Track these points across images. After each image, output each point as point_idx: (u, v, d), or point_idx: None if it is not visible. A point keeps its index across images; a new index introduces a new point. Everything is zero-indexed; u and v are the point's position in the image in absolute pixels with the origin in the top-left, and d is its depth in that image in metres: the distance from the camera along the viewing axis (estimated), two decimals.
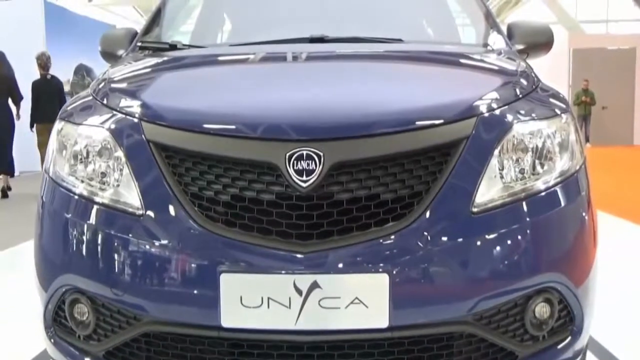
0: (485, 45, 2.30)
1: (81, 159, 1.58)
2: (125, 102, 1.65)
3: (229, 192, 1.44)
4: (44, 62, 7.66)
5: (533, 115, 1.58)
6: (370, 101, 1.57)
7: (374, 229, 1.41)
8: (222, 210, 1.44)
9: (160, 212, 1.47)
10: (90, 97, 1.75)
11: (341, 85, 1.69)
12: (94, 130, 1.60)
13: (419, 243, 1.41)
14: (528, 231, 1.47)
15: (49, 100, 7.46)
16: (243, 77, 1.83)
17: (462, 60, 2.02)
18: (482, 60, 2.03)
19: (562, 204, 1.52)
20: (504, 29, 2.39)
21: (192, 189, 1.46)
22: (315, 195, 1.41)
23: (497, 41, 2.25)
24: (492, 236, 1.45)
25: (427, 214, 1.42)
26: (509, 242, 1.46)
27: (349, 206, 1.41)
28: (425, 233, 1.41)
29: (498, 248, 1.45)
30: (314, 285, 1.37)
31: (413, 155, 1.44)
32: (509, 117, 1.55)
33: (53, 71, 7.96)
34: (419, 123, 1.48)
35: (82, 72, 11.90)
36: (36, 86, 7.67)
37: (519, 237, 1.46)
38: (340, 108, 1.52)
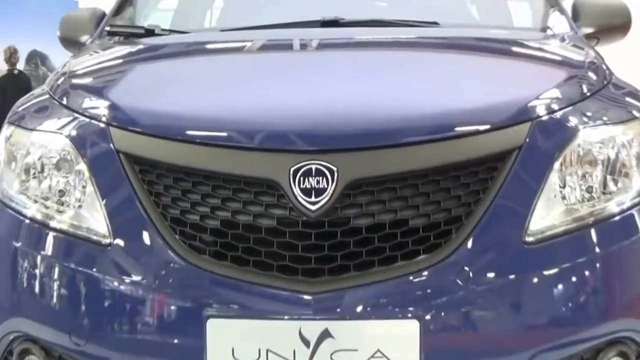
0: (544, 29, 2.33)
1: (34, 173, 1.61)
2: (89, 102, 1.68)
3: (219, 216, 1.47)
4: (9, 57, 7.81)
5: (604, 118, 1.61)
6: (396, 102, 1.60)
7: (401, 263, 1.43)
8: (209, 239, 1.47)
9: (132, 241, 1.50)
10: (47, 96, 1.79)
11: (360, 81, 1.72)
12: (51, 138, 1.63)
13: (458, 281, 1.43)
14: (598, 266, 1.49)
15: (16, 100, 7.58)
16: (237, 72, 1.87)
17: (514, 49, 2.04)
18: (538, 49, 2.06)
19: None
20: (568, 8, 2.41)
21: (172, 212, 1.49)
22: (327, 220, 1.43)
23: (558, 24, 2.28)
24: (551, 272, 1.47)
25: (469, 245, 1.44)
26: (573, 279, 1.48)
27: (369, 234, 1.44)
28: (466, 268, 1.43)
29: (559, 287, 1.47)
30: (325, 335, 1.38)
31: (450, 170, 1.47)
32: (573, 122, 1.58)
33: None
34: (457, 130, 1.51)
35: (36, 61, 11.97)
36: (1, 84, 7.89)
37: (586, 273, 1.48)
38: (358, 111, 1.56)
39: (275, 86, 1.72)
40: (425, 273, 1.43)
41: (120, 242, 1.50)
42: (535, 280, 1.46)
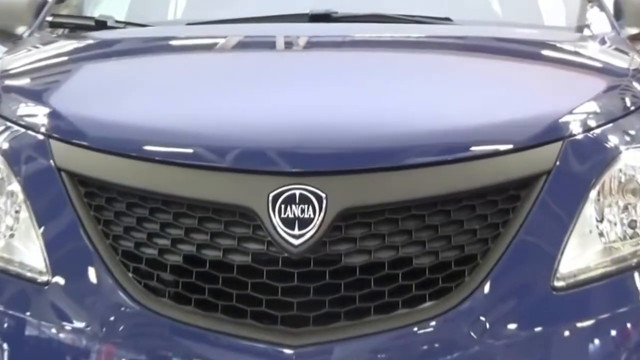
0: (580, 28, 2.36)
1: None
2: (25, 108, 1.70)
3: (181, 250, 1.48)
4: None
5: None
6: (398, 115, 1.63)
7: (402, 311, 1.44)
8: (170, 279, 1.48)
9: (75, 279, 1.50)
10: None
11: (355, 90, 1.74)
12: None
13: (473, 334, 1.43)
14: None
15: None
16: (206, 76, 1.90)
17: (543, 53, 2.07)
18: (573, 53, 2.07)
19: None
20: (609, 4, 2.43)
21: (124, 244, 1.50)
22: (313, 258, 1.44)
23: (597, 23, 2.31)
24: (585, 325, 1.48)
25: (485, 290, 1.45)
26: (612, 334, 1.48)
27: (364, 276, 1.44)
28: (482, 319, 1.44)
29: (595, 344, 1.47)
30: None
31: (464, 198, 1.49)
32: (614, 141, 1.60)
33: None
34: (473, 150, 1.53)
35: None
36: None
37: (628, 327, 1.49)
38: (352, 125, 1.58)
39: (252, 94, 1.74)
40: (433, 323, 1.43)
41: (60, 280, 1.50)
42: (566, 334, 1.46)
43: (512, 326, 1.46)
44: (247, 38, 2.10)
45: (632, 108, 1.69)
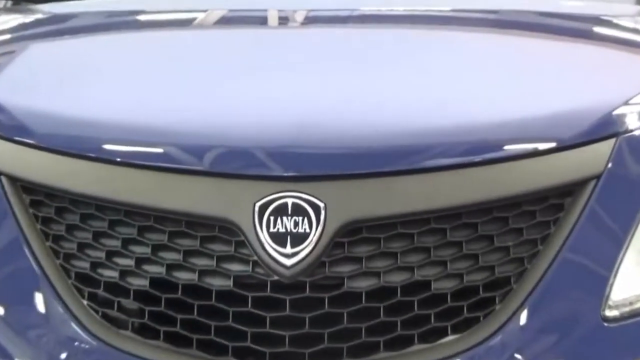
0: None
1: None
2: None
3: (148, 272, 1.48)
4: None
5: None
6: (415, 107, 1.64)
7: (419, 347, 1.44)
8: (134, 307, 1.49)
9: (18, 308, 1.51)
10: None
11: (362, 75, 1.75)
12: None
13: None
14: None
15: None
16: (180, 58, 1.92)
17: (593, 31, 2.09)
18: (631, 31, 2.09)
19: None
20: None
21: (78, 265, 1.51)
22: (310, 282, 1.44)
23: None
24: None
25: (521, 321, 1.45)
26: None
27: (372, 303, 1.44)
28: (518, 356, 1.44)
29: None
30: None
31: (494, 209, 1.49)
32: None
33: None
34: (506, 150, 1.54)
35: None
36: None
37: None
38: (359, 119, 1.59)
39: (235, 81, 1.76)
40: None
41: None
42: None
43: None
44: (232, 12, 2.12)
45: None
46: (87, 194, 1.51)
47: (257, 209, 1.45)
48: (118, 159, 1.54)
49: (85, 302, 1.49)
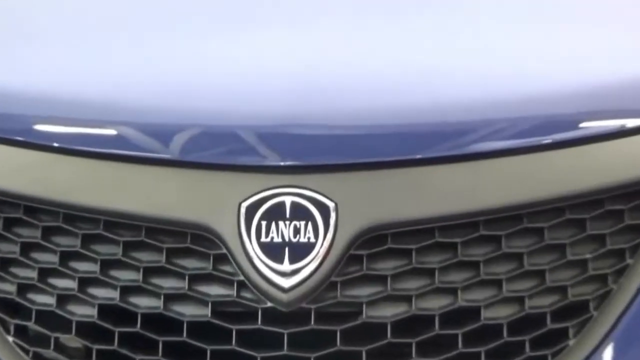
0: None
1: None
2: None
3: (96, 298, 1.34)
4: None
5: None
6: (453, 73, 1.50)
7: None
8: (76, 346, 1.34)
9: None
10: None
11: (382, 26, 1.66)
12: None
13: None
14: None
15: None
16: (137, 11, 1.82)
17: None
18: None
19: None
20: None
21: (1, 288, 1.38)
22: (316, 310, 1.29)
23: None
24: None
25: (606, 356, 1.30)
26: None
27: (399, 338, 1.29)
28: None
29: None
30: None
31: (567, 208, 1.33)
32: None
33: None
34: (583, 128, 1.40)
35: None
36: None
37: None
38: (379, 89, 1.44)
39: (212, 38, 1.67)
40: None
41: None
42: None
43: None
44: None
45: None
46: (9, 192, 1.39)
47: (243, 211, 1.30)
48: (52, 144, 1.41)
49: (10, 338, 1.37)
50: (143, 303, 1.33)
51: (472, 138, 1.39)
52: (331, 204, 1.29)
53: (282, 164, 1.32)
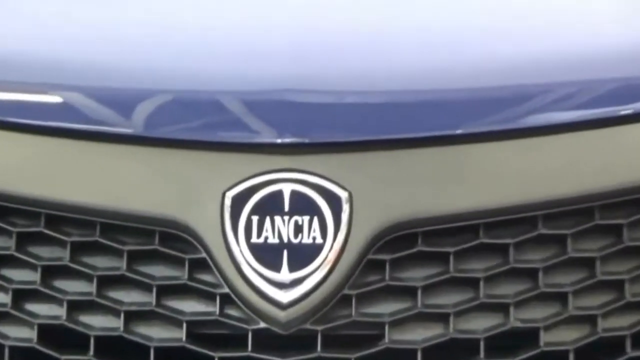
0: None
1: None
2: None
3: (35, 317, 1.19)
4: None
5: None
6: (499, 23, 1.47)
7: None
8: None
9: None
10: None
11: None
12: None
13: None
14: None
15: None
16: None
17: None
18: None
19: None
20: None
21: None
22: (323, 332, 1.15)
23: None
24: None
25: None
26: None
27: None
28: None
29: None
30: None
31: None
32: None
33: None
34: None
35: None
36: None
37: None
38: (402, 49, 1.35)
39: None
40: None
41: None
42: None
43: None
44: None
45: None
46: None
47: (228, 202, 1.16)
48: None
49: None
50: (98, 323, 1.18)
51: (531, 107, 1.25)
52: (343, 194, 1.14)
53: (278, 141, 1.18)
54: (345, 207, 1.14)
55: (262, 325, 1.14)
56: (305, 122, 1.20)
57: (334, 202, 1.14)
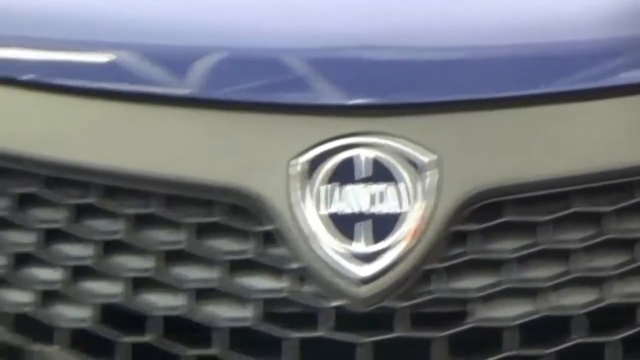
0: None
1: None
2: None
3: (93, 295, 1.15)
4: None
5: None
6: None
7: None
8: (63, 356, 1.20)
9: None
10: None
11: None
12: None
13: None
14: None
15: None
16: None
17: None
18: None
19: None
20: None
21: None
22: (403, 311, 1.10)
23: None
24: None
25: None
26: None
27: (530, 349, 1.11)
28: None
29: None
30: None
31: None
32: None
33: None
34: None
35: None
36: None
37: None
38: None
39: None
40: None
41: None
42: None
43: None
44: None
45: None
46: None
47: (298, 170, 1.11)
48: (19, 77, 1.23)
49: None
50: (158, 302, 1.14)
51: (628, 62, 1.18)
52: (427, 159, 1.08)
53: (352, 102, 1.12)
54: (429, 174, 1.08)
55: (338, 302, 1.09)
56: (381, 82, 1.14)
57: (417, 169, 1.08)
